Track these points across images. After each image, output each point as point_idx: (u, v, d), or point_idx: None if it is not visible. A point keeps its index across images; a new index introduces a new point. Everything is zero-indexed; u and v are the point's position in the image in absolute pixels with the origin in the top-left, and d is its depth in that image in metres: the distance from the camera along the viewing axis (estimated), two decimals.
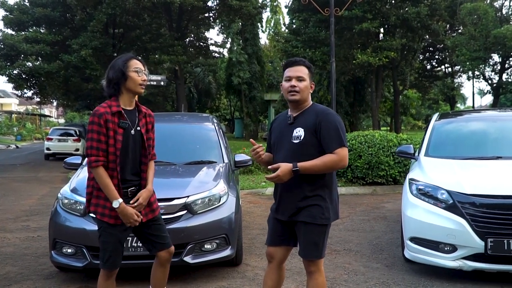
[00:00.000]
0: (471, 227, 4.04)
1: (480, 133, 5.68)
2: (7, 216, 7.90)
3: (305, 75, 2.98)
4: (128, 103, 3.05)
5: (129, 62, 3.00)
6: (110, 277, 3.08)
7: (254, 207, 8.15)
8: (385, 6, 20.10)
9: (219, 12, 23.45)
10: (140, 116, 3.10)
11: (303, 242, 2.96)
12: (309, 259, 2.96)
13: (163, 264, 3.23)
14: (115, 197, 2.91)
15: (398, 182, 9.88)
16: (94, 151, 2.90)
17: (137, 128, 3.06)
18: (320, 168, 2.84)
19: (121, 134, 2.95)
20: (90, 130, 2.92)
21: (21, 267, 4.96)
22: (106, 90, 3.04)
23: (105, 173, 2.91)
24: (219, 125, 6.39)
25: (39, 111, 57.76)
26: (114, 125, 2.93)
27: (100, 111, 2.92)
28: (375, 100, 23.01)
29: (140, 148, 3.09)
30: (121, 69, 2.97)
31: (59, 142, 21.45)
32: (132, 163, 3.06)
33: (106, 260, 3.00)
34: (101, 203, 2.98)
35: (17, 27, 22.77)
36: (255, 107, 33.92)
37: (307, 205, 2.91)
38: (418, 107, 46.57)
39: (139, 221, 3.01)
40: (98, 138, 2.90)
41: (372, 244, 5.66)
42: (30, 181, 13.42)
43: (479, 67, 22.06)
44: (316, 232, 2.92)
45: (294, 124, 2.97)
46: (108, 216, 2.96)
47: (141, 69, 3.03)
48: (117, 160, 2.94)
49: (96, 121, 2.91)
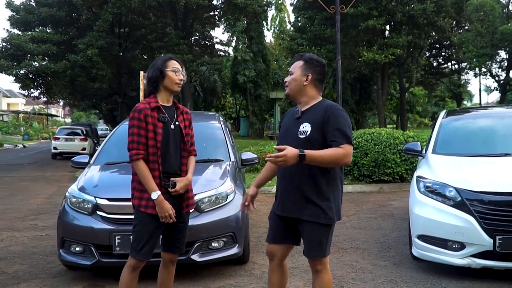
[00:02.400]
0: (479, 224, 4.02)
1: (488, 130, 5.65)
2: (15, 215, 7.95)
3: (294, 69, 2.95)
4: (166, 100, 3.16)
5: (168, 62, 3.13)
6: (136, 270, 3.09)
7: (261, 205, 8.15)
8: (391, 3, 20.02)
9: (224, 11, 23.43)
10: (178, 112, 3.21)
11: (307, 241, 2.92)
12: (313, 258, 2.94)
13: (166, 265, 3.27)
14: (154, 189, 2.98)
15: (404, 180, 9.84)
16: (134, 145, 2.99)
17: (176, 123, 3.15)
18: (326, 160, 2.74)
19: (161, 127, 3.05)
20: (131, 126, 3.02)
21: (30, 265, 4.99)
22: (146, 89, 3.18)
23: (145, 166, 2.98)
24: (225, 123, 6.39)
25: (46, 111, 58.05)
26: (154, 119, 3.03)
27: (139, 107, 3.04)
28: (381, 97, 22.94)
29: (180, 143, 3.17)
30: (160, 68, 3.09)
31: (66, 141, 21.59)
32: (174, 157, 3.13)
33: (140, 249, 3.03)
34: (145, 196, 3.03)
35: (24, 27, 22.88)
36: (261, 105, 33.92)
37: (310, 204, 2.85)
38: (424, 105, 46.35)
39: (174, 219, 3.03)
40: (139, 133, 2.99)
41: (379, 242, 5.64)
42: (38, 180, 13.50)
43: (486, 63, 21.94)
44: (321, 232, 2.87)
45: (301, 119, 2.92)
46: (152, 208, 3.00)
47: (179, 68, 3.15)
48: (158, 152, 3.02)
49: (136, 116, 3.01)
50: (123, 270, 3.10)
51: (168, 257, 3.25)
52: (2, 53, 21.79)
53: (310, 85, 2.96)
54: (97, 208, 4.25)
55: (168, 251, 3.22)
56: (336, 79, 13.41)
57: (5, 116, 48.17)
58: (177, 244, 3.21)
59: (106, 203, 4.22)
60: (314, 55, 3.05)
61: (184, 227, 3.24)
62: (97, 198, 4.27)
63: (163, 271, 3.29)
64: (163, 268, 3.28)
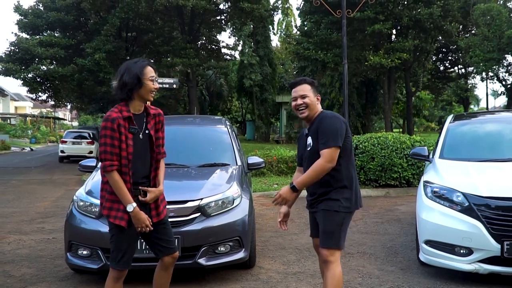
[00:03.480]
0: (487, 229, 4.01)
1: (495, 135, 5.63)
2: (23, 218, 7.99)
3: (307, 92, 3.26)
4: (137, 108, 3.07)
5: (145, 69, 3.01)
6: (119, 279, 3.10)
7: (267, 209, 8.14)
8: (397, 7, 19.98)
9: (231, 15, 23.50)
10: (149, 119, 3.12)
11: (321, 230, 3.17)
12: (325, 247, 3.11)
13: (167, 268, 3.24)
14: (129, 201, 2.95)
15: (411, 185, 9.80)
16: (108, 156, 2.94)
17: (145, 132, 3.08)
18: (311, 176, 3.07)
19: (131, 139, 2.99)
20: (103, 135, 2.94)
21: (37, 269, 5.01)
22: (117, 94, 3.03)
23: (119, 177, 2.95)
24: (231, 127, 6.40)
25: (53, 114, 58.44)
26: (125, 130, 2.97)
27: (113, 116, 2.95)
28: (388, 101, 22.85)
29: (150, 151, 3.12)
30: (138, 76, 2.98)
31: (73, 144, 21.69)
32: (143, 167, 3.09)
33: (119, 260, 3.03)
34: (114, 207, 3.01)
35: (32, 31, 23.05)
36: (267, 109, 33.94)
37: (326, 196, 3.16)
38: (431, 109, 46.10)
39: (150, 227, 3.03)
40: (112, 143, 2.93)
41: (386, 247, 5.62)
42: (45, 183, 13.57)
43: (493, 68, 21.79)
44: (334, 220, 3.13)
45: (308, 134, 3.30)
46: (120, 219, 2.99)
47: (155, 77, 3.07)
48: (129, 164, 2.98)
49: (109, 126, 2.93)
50: (107, 281, 3.11)
51: (169, 260, 3.21)
52: (10, 57, 21.96)
53: (318, 103, 3.33)
54: None
55: (166, 254, 3.19)
56: (342, 83, 13.39)
57: (12, 120, 48.50)
58: (169, 246, 3.20)
59: None
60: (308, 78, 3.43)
61: (167, 227, 3.22)
62: None
63: (162, 274, 3.25)
64: (162, 271, 3.25)
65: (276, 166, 12.80)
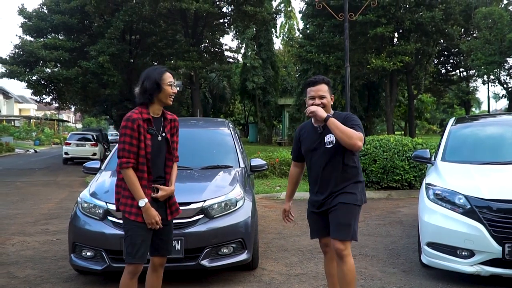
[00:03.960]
0: (488, 232, 4.02)
1: (497, 138, 5.64)
2: (27, 219, 8.04)
3: (325, 93, 3.35)
4: (157, 112, 3.22)
5: (164, 75, 3.17)
6: (135, 275, 3.15)
7: (269, 211, 8.16)
8: (399, 11, 20.01)
9: (234, 18, 23.57)
10: (166, 123, 3.27)
11: (336, 223, 3.25)
12: (341, 239, 3.20)
13: (156, 269, 3.32)
14: (141, 197, 3.07)
15: (413, 187, 9.81)
16: (126, 153, 3.07)
17: (162, 135, 3.22)
18: (340, 129, 3.14)
19: (149, 139, 3.13)
20: (123, 134, 3.09)
21: (41, 270, 5.05)
22: (139, 98, 3.19)
23: (134, 174, 3.08)
24: (235, 129, 6.43)
25: (57, 116, 58.58)
26: (145, 131, 3.11)
27: (133, 117, 3.09)
28: (390, 104, 22.86)
29: (165, 153, 3.26)
30: (157, 81, 3.14)
31: (77, 146, 21.80)
32: (159, 167, 3.23)
33: (135, 254, 3.09)
34: (129, 202, 3.11)
35: (36, 33, 23.17)
36: (269, 111, 34.00)
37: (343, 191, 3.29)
38: (432, 111, 46.09)
39: (160, 225, 3.12)
40: (131, 142, 3.07)
41: (388, 249, 5.64)
42: (49, 185, 13.63)
43: (494, 71, 21.77)
44: (351, 212, 3.26)
45: (324, 132, 3.32)
46: (135, 215, 3.09)
47: (174, 82, 3.22)
48: (148, 163, 3.11)
49: (129, 125, 3.07)
50: (122, 278, 3.15)
51: (158, 261, 3.30)
52: (15, 59, 22.08)
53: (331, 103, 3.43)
54: (108, 213, 4.30)
55: (158, 254, 3.28)
56: (344, 86, 13.42)
57: (17, 122, 48.63)
58: (165, 247, 3.28)
59: None
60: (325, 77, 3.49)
61: (170, 230, 3.32)
62: (108, 203, 4.31)
63: (153, 275, 3.32)
64: (153, 272, 3.32)
65: (279, 168, 12.84)
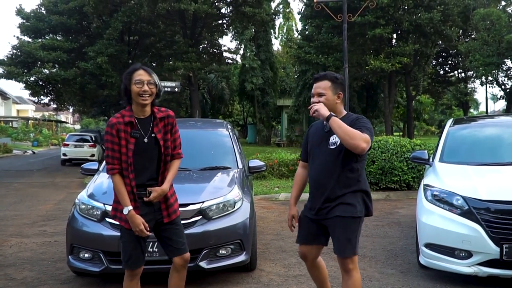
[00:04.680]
0: (486, 233, 4.03)
1: (495, 139, 5.65)
2: (24, 221, 8.02)
3: (325, 90, 3.09)
4: (140, 112, 3.12)
5: (132, 74, 3.06)
6: (134, 278, 3.18)
7: (268, 212, 8.16)
8: (398, 12, 20.03)
9: (232, 19, 23.60)
10: (155, 122, 3.15)
11: (337, 237, 3.07)
12: (345, 256, 3.05)
13: (178, 269, 3.26)
14: (126, 204, 3.05)
15: (411, 188, 9.82)
16: (109, 160, 3.08)
17: (152, 135, 3.12)
18: (344, 130, 2.90)
19: (133, 143, 3.06)
20: (105, 140, 3.10)
21: (38, 272, 5.03)
22: (123, 101, 3.15)
23: (120, 180, 3.06)
24: (233, 131, 6.43)
25: (56, 117, 58.51)
26: (127, 134, 3.05)
27: (112, 122, 3.07)
28: (388, 105, 22.89)
29: (157, 154, 3.15)
30: (125, 82, 3.08)
31: (75, 147, 21.77)
32: (151, 169, 3.15)
33: (127, 260, 3.13)
34: (119, 208, 3.11)
35: (34, 34, 23.16)
36: (268, 112, 34.00)
37: (340, 202, 3.05)
38: (431, 113, 46.19)
39: (146, 233, 3.07)
40: (112, 147, 3.06)
41: (386, 250, 5.64)
42: (47, 186, 13.60)
43: (492, 72, 21.81)
44: (350, 226, 3.04)
45: (331, 132, 3.06)
46: (124, 221, 3.10)
47: (142, 80, 3.02)
48: (129, 168, 3.05)
49: (109, 131, 3.06)
50: (124, 279, 3.22)
51: (179, 261, 3.23)
52: (13, 60, 22.08)
53: (340, 102, 3.17)
54: (106, 215, 4.28)
55: (177, 255, 3.22)
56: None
57: (14, 123, 48.56)
58: (178, 246, 3.22)
59: None
60: (333, 73, 3.21)
61: (180, 229, 3.26)
62: (106, 205, 4.30)
63: (175, 276, 3.28)
64: (175, 273, 3.27)
65: (277, 169, 12.84)
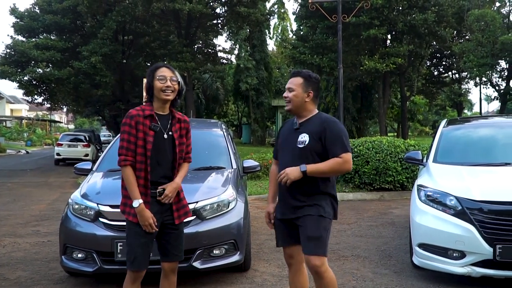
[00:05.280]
0: (479, 233, 4.05)
1: (489, 140, 5.68)
2: (18, 221, 7.98)
3: (295, 86, 3.12)
4: (160, 108, 3.13)
5: (156, 71, 3.11)
6: (136, 281, 3.09)
7: (262, 212, 8.14)
8: (392, 13, 20.09)
9: (227, 19, 23.57)
10: (174, 122, 3.17)
11: (307, 236, 3.01)
12: (315, 254, 2.98)
13: (166, 275, 3.22)
14: (136, 197, 2.99)
15: (405, 188, 9.85)
16: (123, 151, 3.02)
17: (169, 133, 3.13)
18: (326, 171, 3.00)
19: (152, 136, 3.04)
20: (122, 131, 3.06)
21: (32, 272, 5.01)
22: (147, 97, 3.17)
23: (131, 172, 3.01)
24: (227, 131, 6.42)
25: (49, 117, 58.22)
26: (145, 127, 3.04)
27: (132, 113, 3.06)
28: (382, 106, 22.96)
29: (172, 153, 3.15)
30: (148, 77, 3.12)
31: (69, 147, 21.69)
32: (164, 167, 3.12)
33: (133, 260, 3.03)
34: (128, 203, 3.05)
35: (28, 33, 23.04)
36: (263, 113, 34.02)
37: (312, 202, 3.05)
38: (425, 113, 46.35)
39: (155, 228, 3.03)
40: (128, 139, 3.02)
41: (380, 250, 5.66)
42: (40, 186, 13.54)
43: (487, 73, 21.96)
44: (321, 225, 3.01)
45: (300, 130, 3.12)
46: (133, 215, 3.02)
47: (165, 76, 3.08)
48: (147, 161, 3.02)
49: (127, 122, 3.04)
50: (124, 282, 3.11)
51: (168, 266, 3.20)
52: (6, 60, 21.94)
53: (310, 100, 3.15)
54: (100, 215, 4.27)
55: (167, 260, 3.19)
56: (337, 87, 13.46)
57: (8, 122, 48.28)
58: (175, 252, 3.18)
59: (109, 210, 4.24)
60: (309, 71, 3.22)
61: (180, 234, 3.22)
62: (100, 205, 4.30)
63: (165, 281, 3.24)
64: (164, 278, 3.23)
65: None
